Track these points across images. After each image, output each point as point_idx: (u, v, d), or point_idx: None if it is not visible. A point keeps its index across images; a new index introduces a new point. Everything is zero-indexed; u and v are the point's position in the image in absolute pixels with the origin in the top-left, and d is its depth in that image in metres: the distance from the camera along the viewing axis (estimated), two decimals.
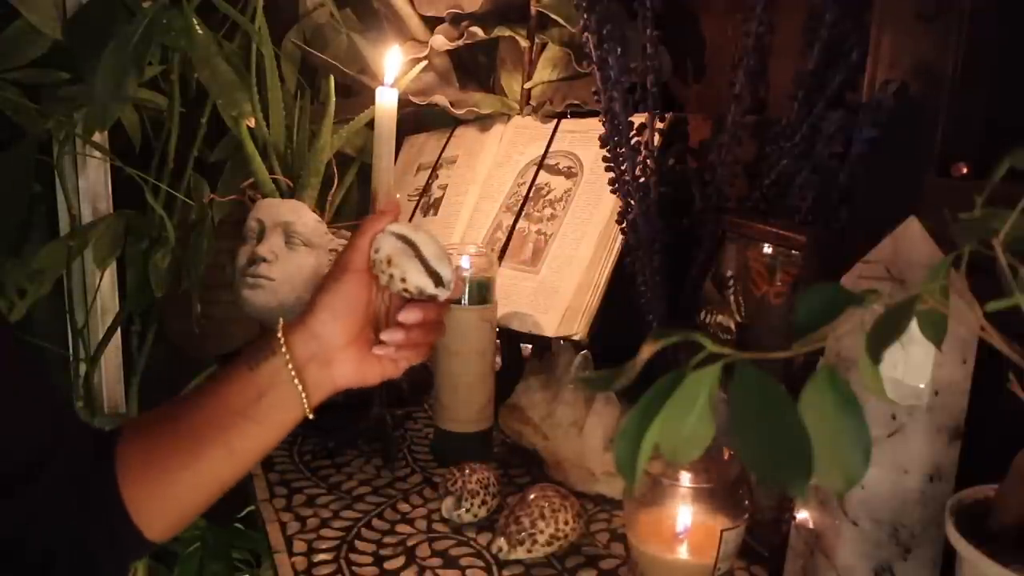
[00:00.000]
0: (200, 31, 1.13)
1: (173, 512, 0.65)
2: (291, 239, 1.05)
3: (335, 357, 0.66)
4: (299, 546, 0.76)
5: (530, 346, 1.07)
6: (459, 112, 1.18)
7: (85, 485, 0.62)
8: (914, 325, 0.40)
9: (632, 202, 0.90)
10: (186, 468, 0.63)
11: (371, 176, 0.88)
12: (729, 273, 0.82)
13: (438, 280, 0.66)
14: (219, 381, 0.65)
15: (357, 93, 1.25)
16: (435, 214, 1.19)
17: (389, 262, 0.66)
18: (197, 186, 1.29)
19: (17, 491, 0.59)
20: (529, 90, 1.17)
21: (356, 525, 0.80)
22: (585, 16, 0.87)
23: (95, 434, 0.66)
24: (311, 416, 0.66)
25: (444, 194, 1.20)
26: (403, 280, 0.66)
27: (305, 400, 0.65)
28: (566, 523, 0.75)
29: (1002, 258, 0.39)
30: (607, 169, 0.92)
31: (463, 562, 0.74)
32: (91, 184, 1.34)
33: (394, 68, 0.91)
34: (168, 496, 0.64)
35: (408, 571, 0.73)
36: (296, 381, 0.64)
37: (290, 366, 0.64)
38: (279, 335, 0.65)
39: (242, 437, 0.64)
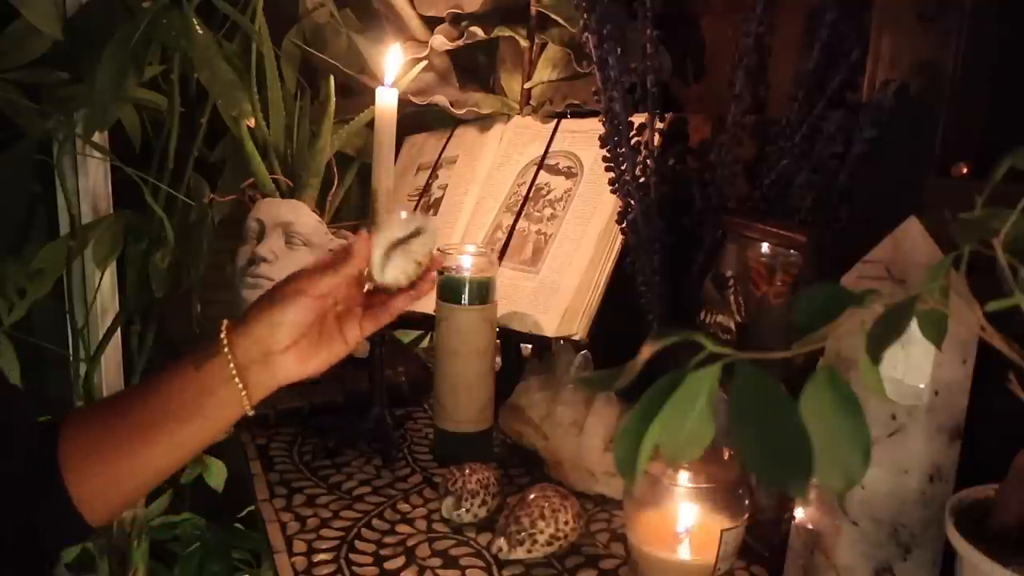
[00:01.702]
0: (200, 31, 1.13)
1: (115, 499, 0.68)
2: (291, 239, 1.05)
3: (277, 359, 0.68)
4: (299, 546, 0.76)
5: (530, 346, 1.07)
6: (459, 112, 1.18)
7: (30, 474, 0.65)
8: (914, 325, 0.40)
9: (632, 202, 0.90)
10: (129, 458, 0.66)
11: (371, 176, 0.89)
12: (729, 273, 0.82)
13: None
14: (164, 377, 0.67)
15: (357, 93, 1.25)
16: (435, 214, 1.19)
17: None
18: (197, 186, 1.29)
19: None
20: (529, 90, 1.17)
21: (356, 525, 0.80)
22: (585, 16, 0.87)
23: (40, 425, 0.68)
24: (251, 413, 0.68)
25: (444, 194, 1.20)
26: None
27: (246, 399, 0.67)
28: (566, 523, 0.75)
29: (1002, 258, 0.39)
30: (607, 169, 0.92)
31: (463, 562, 0.74)
32: (91, 184, 1.34)
33: (394, 68, 0.91)
34: (111, 484, 0.66)
35: (408, 571, 0.73)
36: (237, 381, 0.66)
37: (232, 366, 0.66)
38: (222, 336, 0.67)
39: (184, 431, 0.66)
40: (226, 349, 0.66)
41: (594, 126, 0.93)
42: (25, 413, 0.70)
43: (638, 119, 0.90)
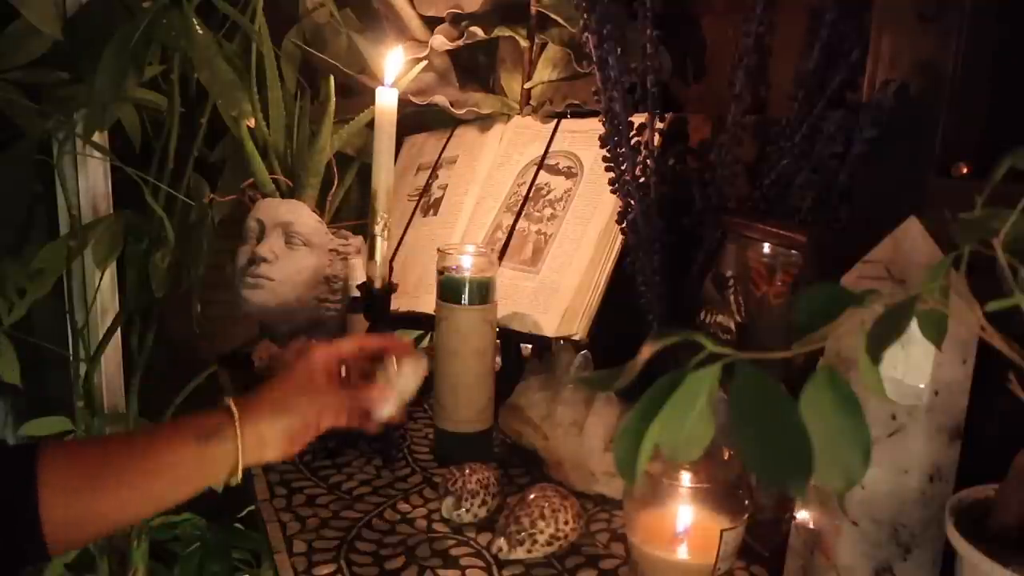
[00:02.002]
0: (200, 31, 1.13)
1: (83, 534, 0.68)
2: (291, 239, 1.05)
3: (272, 447, 0.71)
4: (299, 546, 0.76)
5: (530, 346, 1.07)
6: (459, 112, 1.18)
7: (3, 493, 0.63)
8: (914, 325, 0.40)
9: (632, 202, 0.90)
10: (110, 502, 0.66)
11: (371, 176, 0.89)
12: (729, 273, 0.82)
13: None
14: (163, 442, 0.67)
15: (357, 93, 1.25)
16: (435, 214, 1.19)
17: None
18: (197, 186, 1.29)
19: None
20: (529, 90, 1.17)
21: (356, 525, 0.80)
22: (585, 16, 0.87)
23: (17, 447, 0.68)
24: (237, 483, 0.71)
25: (444, 194, 1.20)
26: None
27: (239, 476, 0.69)
28: (566, 523, 0.75)
29: (1002, 258, 0.39)
30: (607, 169, 0.92)
31: (463, 562, 0.74)
32: (91, 184, 1.34)
33: (394, 68, 0.91)
34: (85, 520, 0.66)
35: (408, 571, 0.73)
36: (240, 463, 0.68)
37: (239, 453, 0.68)
38: (236, 426, 0.68)
39: (172, 492, 0.68)
40: (240, 442, 0.68)
41: (594, 126, 0.93)
42: None
43: (638, 119, 0.90)
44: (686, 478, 0.67)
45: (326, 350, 0.76)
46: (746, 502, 0.66)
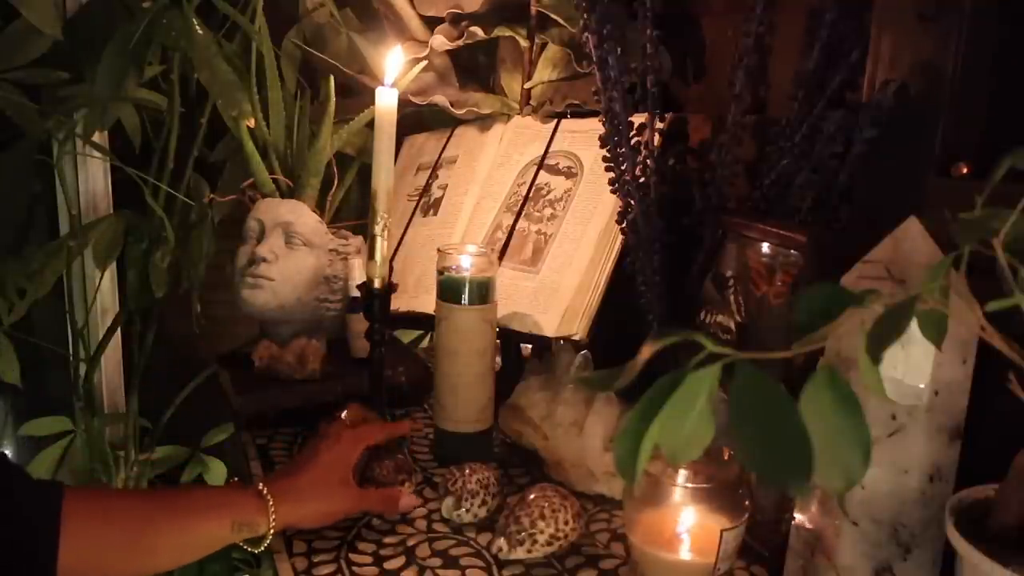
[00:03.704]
0: (200, 31, 1.13)
1: None
2: (291, 239, 1.05)
3: (298, 527, 0.77)
4: (299, 546, 0.76)
5: (530, 346, 1.07)
6: (459, 112, 1.18)
7: (25, 543, 0.62)
8: (914, 325, 0.40)
9: (632, 202, 0.90)
10: (132, 568, 0.67)
11: (371, 176, 0.89)
12: (729, 273, 0.82)
13: None
14: (198, 517, 0.69)
15: (357, 93, 1.25)
16: (435, 214, 1.19)
17: None
18: (197, 186, 1.29)
19: None
20: (529, 90, 1.17)
21: (356, 525, 0.80)
22: (585, 16, 0.87)
23: (36, 490, 0.66)
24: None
25: (444, 194, 1.20)
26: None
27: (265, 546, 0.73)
28: (566, 523, 0.75)
29: (1002, 258, 0.39)
30: (607, 169, 0.92)
31: (463, 562, 0.74)
32: (91, 184, 1.34)
33: (394, 68, 0.91)
34: (100, 568, 0.66)
35: (408, 571, 0.73)
36: (265, 543, 0.72)
37: (268, 538, 0.72)
38: (270, 519, 0.71)
39: (191, 559, 0.71)
40: (270, 533, 0.71)
41: (594, 126, 0.93)
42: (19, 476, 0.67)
43: (638, 119, 0.90)
44: (686, 478, 0.67)
45: (356, 441, 0.79)
46: (746, 502, 0.66)
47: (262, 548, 0.71)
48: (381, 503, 0.79)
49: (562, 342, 0.95)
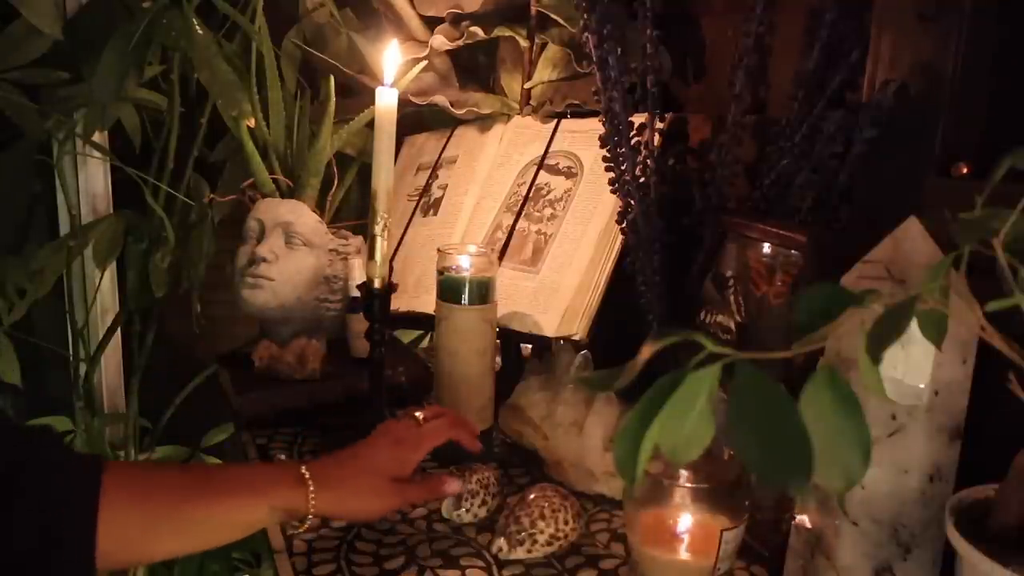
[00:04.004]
0: (200, 31, 1.13)
1: (127, 562, 0.67)
2: (291, 239, 1.05)
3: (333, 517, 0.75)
4: (299, 546, 0.76)
5: (530, 346, 1.07)
6: (459, 112, 1.18)
7: (66, 519, 0.61)
8: (914, 325, 0.40)
9: (632, 202, 0.90)
10: (166, 545, 0.65)
11: (371, 176, 0.89)
12: (729, 273, 0.82)
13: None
14: (236, 496, 0.66)
15: (357, 93, 1.25)
16: (435, 214, 1.19)
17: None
18: (197, 186, 1.29)
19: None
20: (529, 90, 1.17)
21: (356, 525, 0.80)
22: (585, 16, 0.87)
23: (78, 462, 0.65)
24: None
25: (444, 194, 1.20)
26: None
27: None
28: (566, 523, 0.75)
29: (1002, 258, 0.39)
30: (607, 169, 0.92)
31: (463, 562, 0.74)
32: (91, 184, 1.34)
33: (394, 67, 0.91)
34: (135, 553, 0.65)
35: (408, 571, 0.73)
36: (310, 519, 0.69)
37: (304, 523, 0.69)
38: (309, 507, 0.68)
39: (226, 541, 0.68)
40: (308, 519, 0.68)
41: (594, 126, 0.93)
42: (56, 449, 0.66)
43: (638, 119, 0.90)
44: (686, 478, 0.67)
45: (417, 444, 0.75)
46: (746, 502, 0.66)
47: (304, 528, 0.69)
48: (426, 493, 0.76)
49: (562, 342, 0.95)
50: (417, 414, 0.78)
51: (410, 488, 0.74)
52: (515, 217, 1.07)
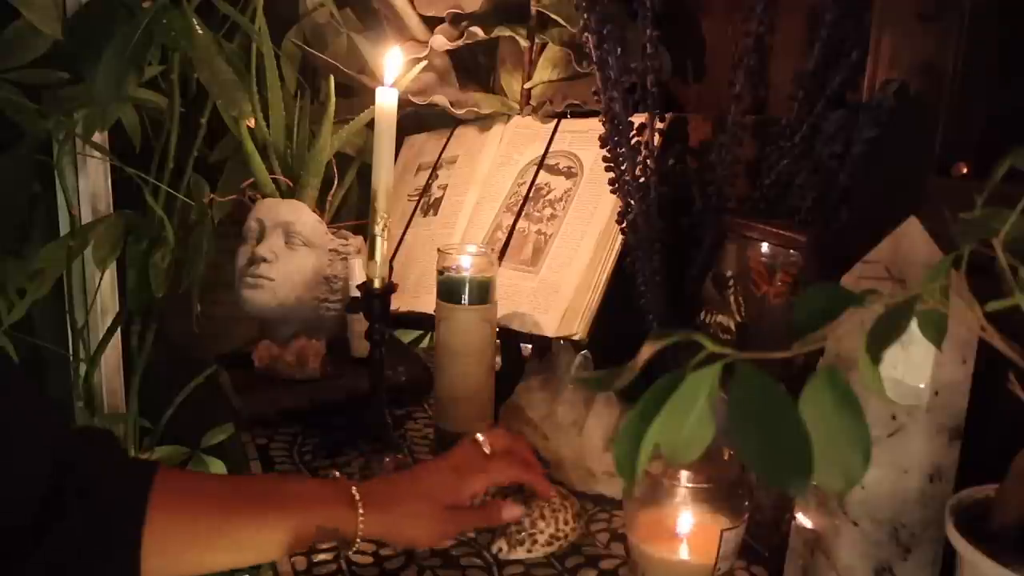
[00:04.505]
0: (200, 31, 1.13)
1: (175, 573, 0.63)
2: (291, 239, 1.05)
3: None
4: None
5: (530, 346, 1.07)
6: (459, 112, 1.18)
7: (112, 529, 0.59)
8: (914, 325, 0.40)
9: (632, 202, 0.90)
10: (211, 558, 0.63)
11: (371, 176, 0.89)
12: (729, 273, 0.82)
13: None
14: (286, 514, 0.64)
15: (357, 93, 1.25)
16: (435, 214, 1.19)
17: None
18: (197, 186, 1.29)
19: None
20: (529, 90, 1.17)
21: None
22: (585, 16, 0.87)
23: (131, 467, 0.64)
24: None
25: (444, 194, 1.20)
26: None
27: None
28: (566, 523, 0.75)
29: (1002, 258, 0.39)
30: (607, 169, 0.92)
31: (463, 562, 0.74)
32: (91, 184, 1.34)
33: (394, 68, 0.91)
34: (178, 567, 0.62)
35: (408, 571, 0.73)
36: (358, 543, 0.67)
37: (358, 545, 0.67)
38: (358, 533, 0.66)
39: (275, 555, 0.66)
40: (358, 539, 0.66)
41: (594, 126, 0.93)
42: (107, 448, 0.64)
43: (638, 119, 0.90)
44: (686, 478, 0.67)
45: (479, 478, 0.71)
46: (746, 502, 0.66)
47: (352, 551, 0.67)
48: (483, 520, 0.73)
49: (562, 342, 0.95)
50: (479, 437, 0.75)
51: (465, 515, 0.71)
52: (515, 217, 1.07)
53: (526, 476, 0.74)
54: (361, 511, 0.65)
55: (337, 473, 0.73)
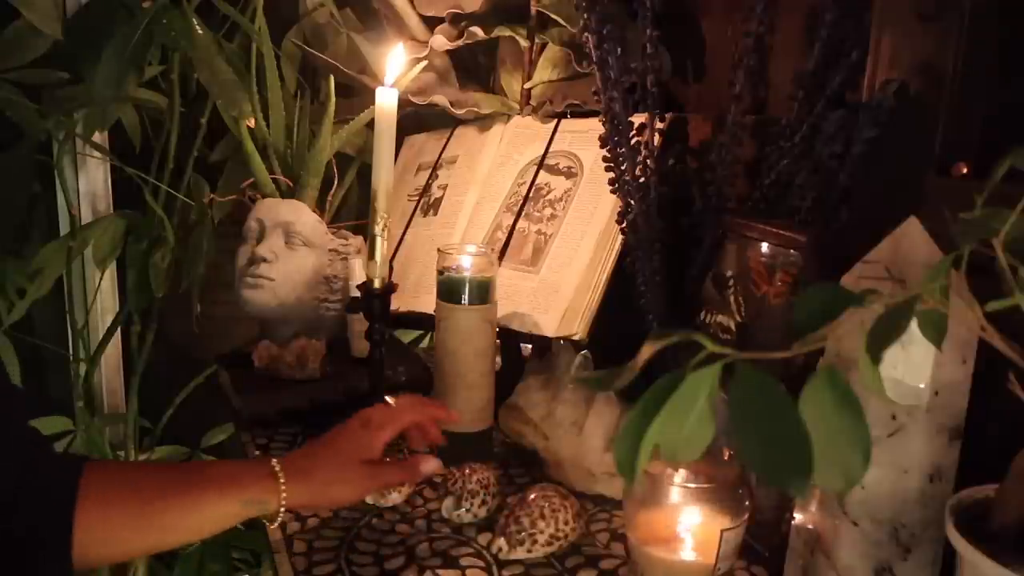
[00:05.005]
0: (200, 31, 1.13)
1: (105, 559, 0.69)
2: (291, 239, 1.05)
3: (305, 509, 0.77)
4: (299, 546, 0.76)
5: (530, 346, 1.07)
6: (459, 112, 1.18)
7: (44, 521, 0.63)
8: (914, 325, 0.40)
9: (632, 202, 0.90)
10: (141, 539, 0.67)
11: (371, 176, 0.89)
12: (729, 273, 0.82)
13: None
14: (209, 492, 0.67)
15: (357, 93, 1.25)
16: (435, 214, 1.19)
17: None
18: (197, 186, 1.29)
19: None
20: (529, 90, 1.17)
21: (356, 525, 0.80)
22: (585, 16, 0.87)
23: (60, 461, 0.68)
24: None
25: (444, 194, 1.20)
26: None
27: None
28: (566, 523, 0.75)
29: (1002, 258, 0.39)
30: (607, 169, 0.92)
31: (463, 562, 0.74)
32: (91, 184, 1.34)
33: (395, 68, 0.91)
34: (112, 549, 0.66)
35: (408, 571, 0.73)
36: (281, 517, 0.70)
37: (277, 519, 0.70)
38: (280, 502, 0.68)
39: (200, 536, 0.71)
40: (281, 510, 0.69)
41: (594, 126, 0.93)
42: (45, 454, 0.68)
43: (638, 119, 0.90)
44: (686, 478, 0.67)
45: (383, 425, 0.74)
46: (746, 502, 0.66)
47: (276, 524, 0.71)
48: (402, 474, 0.77)
49: (562, 342, 0.95)
50: (388, 399, 0.80)
51: (384, 470, 0.74)
52: (515, 217, 1.07)
53: (425, 411, 0.79)
54: (283, 483, 0.68)
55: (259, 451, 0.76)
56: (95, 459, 0.68)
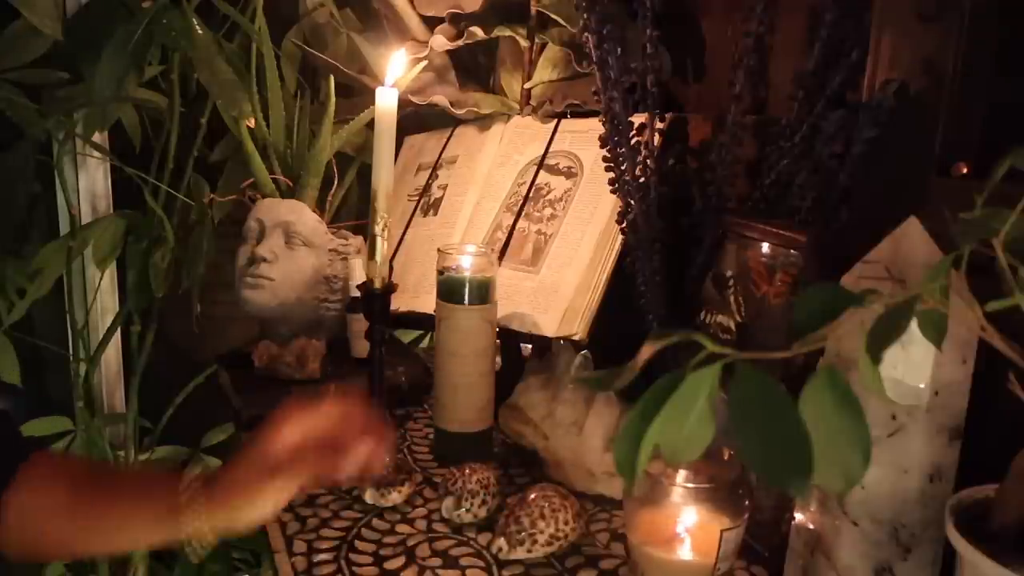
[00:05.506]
0: (200, 31, 1.13)
1: (34, 550, 0.68)
2: (291, 239, 1.05)
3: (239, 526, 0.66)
4: (299, 546, 0.76)
5: (530, 346, 1.07)
6: (459, 112, 1.18)
7: None
8: (914, 325, 0.40)
9: (632, 202, 0.90)
10: (69, 533, 0.66)
11: (371, 176, 0.89)
12: (729, 273, 0.82)
13: None
14: (136, 498, 0.66)
15: (357, 93, 1.25)
16: (435, 214, 1.19)
17: None
18: (197, 186, 1.29)
19: None
20: (529, 90, 1.17)
21: (356, 525, 0.80)
22: (585, 16, 0.87)
23: (8, 448, 0.68)
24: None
25: (444, 194, 1.20)
26: None
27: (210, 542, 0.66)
28: (566, 523, 0.75)
29: (1002, 258, 0.39)
30: (607, 169, 0.92)
31: (463, 562, 0.74)
32: (91, 184, 1.34)
33: (396, 69, 0.91)
34: (41, 538, 0.66)
35: (408, 571, 0.73)
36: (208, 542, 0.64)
37: (209, 536, 0.64)
38: (204, 519, 0.63)
39: (131, 543, 0.71)
40: (207, 529, 0.63)
41: (594, 126, 0.93)
42: None
43: (638, 119, 0.90)
44: (686, 478, 0.67)
45: (297, 427, 0.66)
46: (746, 502, 0.66)
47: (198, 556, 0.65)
48: (328, 467, 0.64)
49: (562, 342, 0.95)
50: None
51: (302, 467, 0.63)
52: (515, 217, 1.07)
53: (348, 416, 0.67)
54: (195, 509, 0.63)
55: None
56: (53, 452, 0.67)
